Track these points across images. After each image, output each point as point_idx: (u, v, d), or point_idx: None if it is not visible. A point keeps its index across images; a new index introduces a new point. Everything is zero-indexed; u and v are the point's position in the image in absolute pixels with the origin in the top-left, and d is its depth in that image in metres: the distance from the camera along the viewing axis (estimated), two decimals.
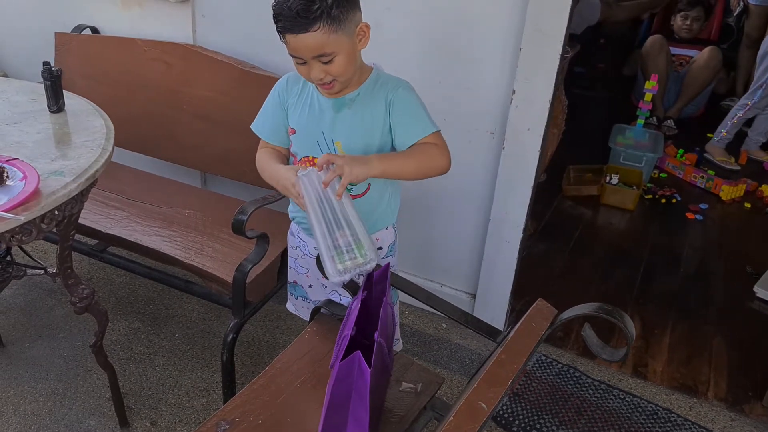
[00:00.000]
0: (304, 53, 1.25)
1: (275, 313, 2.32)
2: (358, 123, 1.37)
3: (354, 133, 1.37)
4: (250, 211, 1.70)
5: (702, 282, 2.69)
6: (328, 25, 1.21)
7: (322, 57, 1.25)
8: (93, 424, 1.86)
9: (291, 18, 1.20)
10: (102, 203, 2.09)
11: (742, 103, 3.66)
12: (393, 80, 1.39)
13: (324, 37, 1.22)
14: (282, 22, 1.23)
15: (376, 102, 1.36)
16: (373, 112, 1.36)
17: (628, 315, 1.11)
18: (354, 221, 1.27)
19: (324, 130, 1.38)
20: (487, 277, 2.20)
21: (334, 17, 1.21)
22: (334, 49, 1.24)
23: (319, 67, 1.27)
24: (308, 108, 1.40)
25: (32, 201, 1.31)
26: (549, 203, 3.19)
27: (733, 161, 3.72)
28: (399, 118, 1.36)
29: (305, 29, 1.20)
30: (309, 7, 1.19)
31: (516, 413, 1.94)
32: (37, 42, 2.63)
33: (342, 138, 1.38)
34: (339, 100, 1.37)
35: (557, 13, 1.76)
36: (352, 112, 1.37)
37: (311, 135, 1.40)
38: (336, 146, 1.38)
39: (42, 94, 1.75)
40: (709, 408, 2.03)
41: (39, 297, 2.33)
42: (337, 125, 1.38)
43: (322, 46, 1.23)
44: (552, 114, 1.90)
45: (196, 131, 2.24)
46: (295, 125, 1.43)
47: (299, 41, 1.23)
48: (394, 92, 1.36)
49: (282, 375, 1.40)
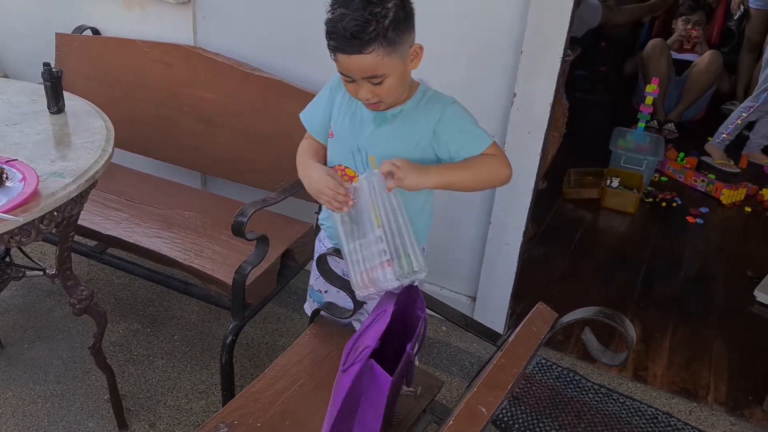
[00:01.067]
0: (355, 73, 1.21)
1: (275, 316, 2.31)
2: (396, 139, 1.32)
3: (389, 149, 1.32)
4: (250, 213, 1.69)
5: (702, 286, 2.69)
6: (383, 48, 1.16)
7: (372, 78, 1.20)
8: (91, 425, 1.85)
9: (345, 38, 1.15)
10: (102, 204, 2.09)
11: (746, 106, 3.65)
12: (439, 98, 1.34)
13: (377, 59, 1.17)
14: (335, 41, 1.17)
15: (420, 119, 1.31)
16: (414, 128, 1.31)
17: (628, 319, 1.11)
18: (408, 228, 1.25)
19: (360, 143, 1.34)
20: (488, 280, 2.20)
21: (390, 39, 1.16)
22: (386, 71, 1.19)
23: (368, 88, 1.22)
24: (350, 117, 1.36)
25: (31, 202, 1.31)
26: (549, 206, 3.18)
27: (732, 164, 3.72)
28: (454, 135, 1.31)
29: (359, 51, 1.16)
30: (365, 29, 1.13)
31: (516, 417, 1.93)
32: (38, 43, 2.63)
33: (376, 152, 1.33)
34: (380, 115, 1.33)
35: (558, 16, 1.76)
36: (392, 128, 1.32)
37: (347, 145, 1.36)
38: (369, 160, 1.34)
39: (42, 95, 1.75)
40: (709, 412, 2.02)
41: (38, 298, 2.32)
42: (374, 139, 1.33)
43: (375, 68, 1.18)
44: (553, 117, 1.90)
45: (197, 133, 2.24)
46: (335, 130, 1.38)
47: (351, 62, 1.18)
48: (443, 110, 1.31)
49: (281, 378, 1.39)
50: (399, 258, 1.23)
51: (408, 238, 1.24)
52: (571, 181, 3.36)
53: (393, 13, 1.15)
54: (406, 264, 1.23)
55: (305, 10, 2.12)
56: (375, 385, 1.11)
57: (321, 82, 2.15)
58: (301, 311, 2.34)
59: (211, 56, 2.20)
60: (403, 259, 1.23)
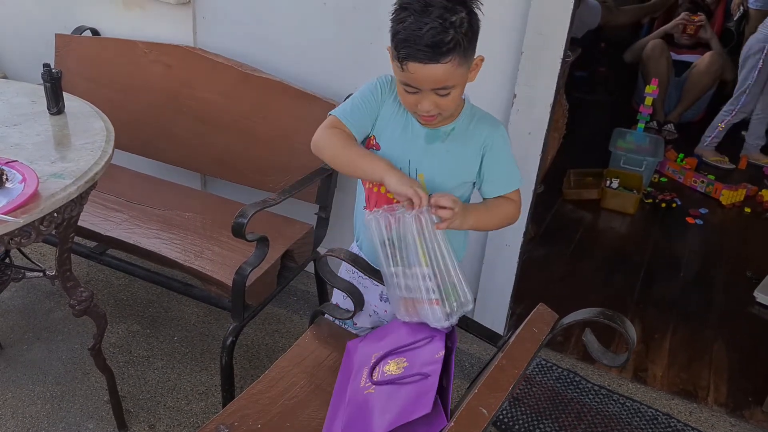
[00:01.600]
0: (425, 84, 1.15)
1: (275, 317, 2.31)
2: (449, 159, 1.29)
3: (442, 169, 1.29)
4: (251, 213, 1.69)
5: (702, 286, 2.69)
6: (458, 58, 1.12)
7: (441, 90, 1.16)
8: (91, 427, 1.85)
9: (422, 48, 1.10)
10: (101, 206, 2.09)
11: (727, 109, 3.69)
12: (489, 120, 1.31)
13: (452, 69, 1.13)
14: (409, 49, 1.12)
15: (471, 141, 1.28)
16: (466, 151, 1.29)
17: (628, 319, 1.11)
18: (455, 265, 1.22)
19: (411, 159, 1.29)
20: (488, 281, 2.20)
21: (465, 49, 1.13)
22: (455, 82, 1.15)
23: (433, 99, 1.17)
24: (401, 130, 1.30)
25: (31, 203, 1.31)
26: (549, 207, 3.18)
27: (726, 160, 3.72)
28: (492, 166, 1.29)
29: (437, 60, 1.11)
30: (444, 38, 1.09)
31: (516, 418, 1.93)
32: (37, 43, 2.63)
33: (427, 171, 1.29)
34: (433, 132, 1.28)
35: (559, 17, 1.76)
36: (445, 147, 1.28)
37: (396, 160, 1.28)
38: (419, 178, 1.30)
39: (42, 96, 1.75)
40: (709, 413, 2.02)
41: (37, 299, 2.32)
42: (426, 157, 1.29)
43: (446, 78, 1.14)
44: (553, 118, 1.90)
45: (197, 133, 2.24)
46: (382, 142, 1.31)
47: (425, 71, 1.13)
48: (492, 137, 1.28)
49: (282, 379, 1.39)
50: (448, 297, 1.21)
51: (455, 276, 1.21)
52: (570, 182, 3.36)
53: (468, 23, 1.12)
54: (455, 301, 1.22)
55: (305, 10, 2.13)
56: (427, 423, 1.10)
57: (320, 83, 2.17)
58: (301, 312, 2.35)
59: (211, 57, 2.20)
60: (452, 297, 1.22)
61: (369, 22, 2.03)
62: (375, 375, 1.22)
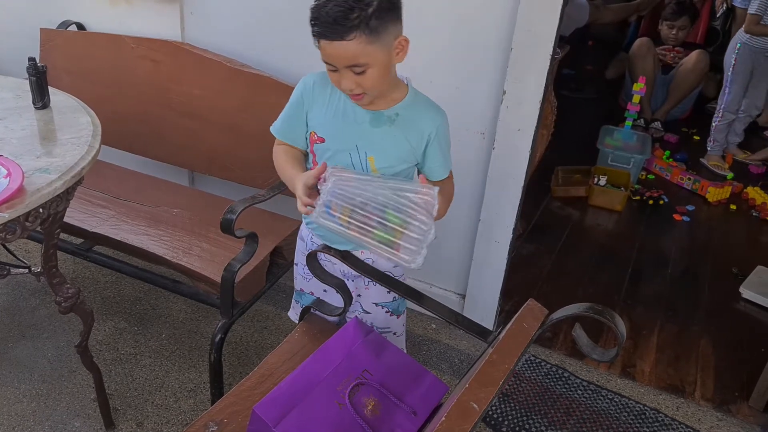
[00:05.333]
0: (337, 61, 1.20)
1: (264, 314, 2.30)
2: (397, 143, 1.32)
3: (391, 153, 1.33)
4: (239, 210, 1.68)
5: (689, 283, 2.71)
6: (365, 36, 1.16)
7: (354, 67, 1.20)
8: (78, 425, 1.83)
9: (327, 24, 1.15)
10: (88, 202, 2.07)
11: (717, 111, 3.72)
12: (433, 106, 1.36)
13: (359, 47, 1.17)
14: (318, 26, 1.17)
15: (418, 126, 1.32)
16: (413, 136, 1.33)
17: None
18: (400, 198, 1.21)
19: (359, 143, 1.32)
20: (477, 278, 2.20)
21: (372, 28, 1.16)
22: (368, 60, 1.19)
23: (351, 78, 1.22)
24: (341, 117, 1.33)
25: (17, 198, 1.29)
26: (537, 204, 3.19)
27: (726, 167, 3.74)
28: (436, 151, 1.35)
29: (341, 37, 1.16)
30: (347, 15, 1.14)
31: (505, 414, 1.94)
32: (22, 38, 2.59)
33: (376, 154, 1.32)
34: (378, 115, 1.32)
35: (548, 14, 1.76)
36: (392, 132, 1.32)
37: (344, 146, 1.33)
38: (369, 161, 1.33)
39: (27, 90, 1.73)
40: (696, 408, 2.04)
41: (23, 296, 2.29)
42: (374, 141, 1.32)
43: (356, 56, 1.18)
44: (542, 115, 1.91)
45: (184, 130, 2.22)
46: (324, 134, 1.35)
47: (333, 49, 1.18)
48: (437, 123, 1.33)
49: (271, 375, 1.39)
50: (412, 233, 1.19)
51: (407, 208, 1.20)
52: (558, 179, 3.37)
53: (377, 2, 1.16)
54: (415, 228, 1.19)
55: (294, 5, 2.11)
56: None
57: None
58: (289, 309, 2.34)
59: (199, 52, 2.18)
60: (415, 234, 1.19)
61: None
62: (352, 395, 1.22)
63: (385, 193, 1.19)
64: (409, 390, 1.28)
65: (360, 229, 1.18)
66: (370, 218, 1.18)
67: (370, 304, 1.52)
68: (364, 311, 1.53)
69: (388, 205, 1.19)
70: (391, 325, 1.56)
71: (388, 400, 1.24)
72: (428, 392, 1.30)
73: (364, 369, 1.28)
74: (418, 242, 1.18)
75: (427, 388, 1.30)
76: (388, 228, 1.18)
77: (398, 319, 1.57)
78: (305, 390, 1.19)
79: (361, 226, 1.18)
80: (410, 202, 1.19)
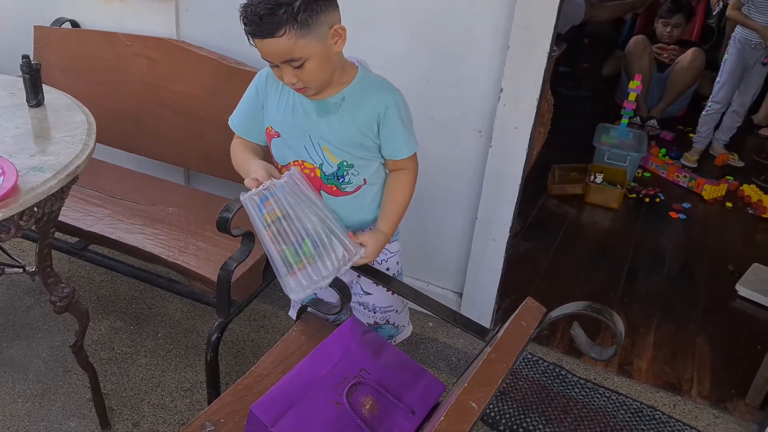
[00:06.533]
0: (272, 58, 1.21)
1: (260, 312, 2.29)
2: (346, 129, 1.31)
3: (341, 140, 1.32)
4: (236, 208, 1.66)
5: (685, 281, 2.71)
6: (294, 30, 1.16)
7: (291, 62, 1.20)
8: (73, 425, 1.82)
9: (255, 22, 1.16)
10: (83, 200, 2.05)
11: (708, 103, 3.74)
12: (383, 85, 1.34)
13: (290, 42, 1.17)
14: (247, 25, 1.18)
15: (363, 109, 1.31)
16: (361, 119, 1.31)
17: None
18: (332, 219, 1.29)
19: (311, 134, 1.33)
20: (474, 276, 2.20)
21: (302, 22, 1.16)
22: (303, 54, 1.19)
23: (291, 72, 1.22)
24: (291, 110, 1.34)
25: (11, 197, 1.28)
26: (534, 202, 3.19)
27: (692, 160, 3.74)
28: (389, 133, 1.33)
29: (270, 34, 1.16)
30: (274, 12, 1.14)
31: (503, 412, 1.94)
32: (16, 35, 2.57)
33: (328, 143, 1.33)
34: (322, 104, 1.31)
35: (545, 12, 1.75)
36: (338, 119, 1.31)
37: (298, 140, 1.34)
38: (324, 151, 1.33)
39: (21, 88, 1.71)
40: (692, 406, 2.04)
41: (17, 296, 2.28)
42: (323, 130, 1.32)
43: (290, 51, 1.18)
44: (539, 112, 1.90)
45: (180, 127, 2.21)
46: (279, 128, 1.37)
47: (266, 46, 1.19)
48: (385, 104, 1.31)
49: (268, 375, 1.38)
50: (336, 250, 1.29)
51: (338, 229, 1.29)
52: (555, 177, 3.37)
53: None
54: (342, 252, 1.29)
55: None
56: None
57: None
58: (287, 308, 2.33)
59: (194, 50, 2.16)
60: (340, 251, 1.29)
61: (352, 15, 2.01)
62: (350, 394, 1.22)
63: (316, 225, 1.24)
64: (406, 389, 1.27)
65: (275, 236, 1.23)
66: (289, 235, 1.23)
67: (369, 284, 1.51)
68: (365, 293, 1.53)
69: (312, 236, 1.24)
70: (393, 303, 1.58)
71: (385, 399, 1.23)
72: (426, 391, 1.29)
73: (362, 368, 1.27)
74: (311, 282, 1.25)
75: (424, 387, 1.30)
76: (297, 253, 1.24)
77: (399, 296, 1.56)
78: (303, 389, 1.18)
79: (276, 234, 1.23)
80: (330, 247, 1.26)
